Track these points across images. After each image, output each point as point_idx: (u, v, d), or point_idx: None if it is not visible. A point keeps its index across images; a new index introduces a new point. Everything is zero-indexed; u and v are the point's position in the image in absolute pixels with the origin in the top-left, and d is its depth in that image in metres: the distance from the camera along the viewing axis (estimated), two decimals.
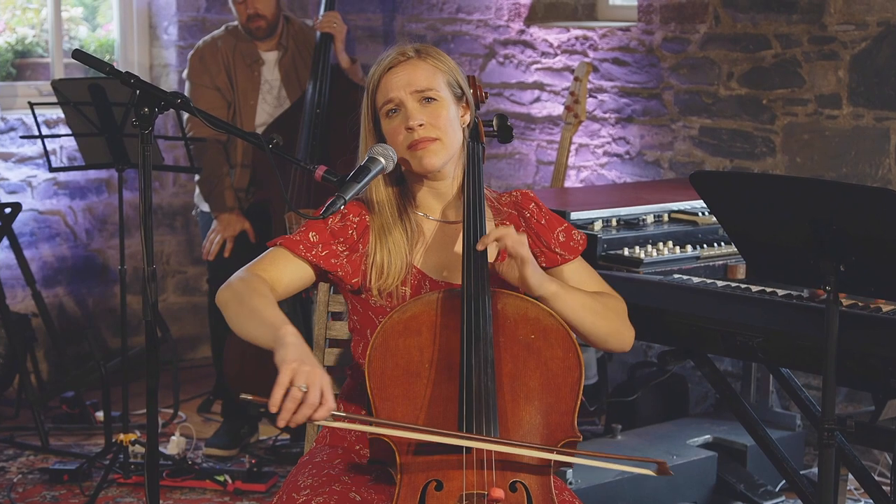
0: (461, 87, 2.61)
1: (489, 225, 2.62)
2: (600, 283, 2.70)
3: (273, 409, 2.19)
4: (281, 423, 2.20)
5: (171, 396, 4.98)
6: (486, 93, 2.73)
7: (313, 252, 2.55)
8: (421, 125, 2.53)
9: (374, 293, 2.57)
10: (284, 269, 2.55)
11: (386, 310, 2.55)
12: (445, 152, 2.56)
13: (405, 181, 2.64)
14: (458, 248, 2.59)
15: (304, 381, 2.20)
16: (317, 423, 2.24)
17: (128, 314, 4.65)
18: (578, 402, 2.44)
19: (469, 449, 2.33)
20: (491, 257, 2.52)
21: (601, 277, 2.72)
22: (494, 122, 2.77)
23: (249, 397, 2.23)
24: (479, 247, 2.46)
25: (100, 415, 4.98)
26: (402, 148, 2.55)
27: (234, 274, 2.53)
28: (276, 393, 2.19)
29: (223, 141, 4.86)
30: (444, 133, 2.55)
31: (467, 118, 2.64)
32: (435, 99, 2.55)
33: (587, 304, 2.57)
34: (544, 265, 2.64)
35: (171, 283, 6.07)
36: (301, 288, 2.61)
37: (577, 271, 2.68)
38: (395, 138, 2.55)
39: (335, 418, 2.30)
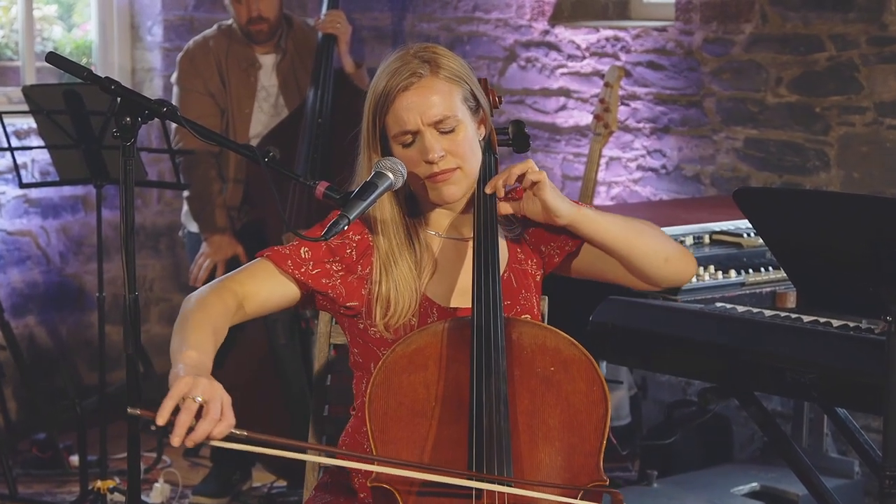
0: (476, 99, 2.62)
1: (502, 244, 2.63)
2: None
3: (160, 422, 2.14)
4: (175, 440, 2.14)
5: (154, 438, 4.98)
6: (499, 97, 2.74)
7: (302, 270, 2.56)
8: (441, 157, 2.54)
9: (379, 327, 2.57)
10: (264, 284, 2.55)
11: (388, 341, 2.55)
12: (466, 180, 2.58)
13: (413, 196, 2.65)
14: (469, 270, 2.60)
15: (200, 393, 2.18)
16: (215, 442, 2.18)
17: (106, 346, 4.66)
18: (604, 442, 2.43)
19: (479, 493, 2.33)
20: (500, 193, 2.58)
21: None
22: (510, 130, 2.78)
23: (137, 412, 2.18)
24: (488, 190, 2.55)
25: (74, 459, 4.98)
26: (419, 178, 2.57)
27: (205, 285, 2.54)
28: (166, 404, 2.16)
29: (215, 153, 4.88)
30: (464, 160, 2.57)
31: (483, 130, 2.65)
32: (453, 128, 2.56)
33: (628, 223, 2.60)
34: (557, 259, 2.67)
35: (154, 311, 6.08)
36: (282, 307, 2.61)
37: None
38: (413, 168, 2.56)
39: (239, 439, 2.20)
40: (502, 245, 2.66)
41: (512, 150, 2.81)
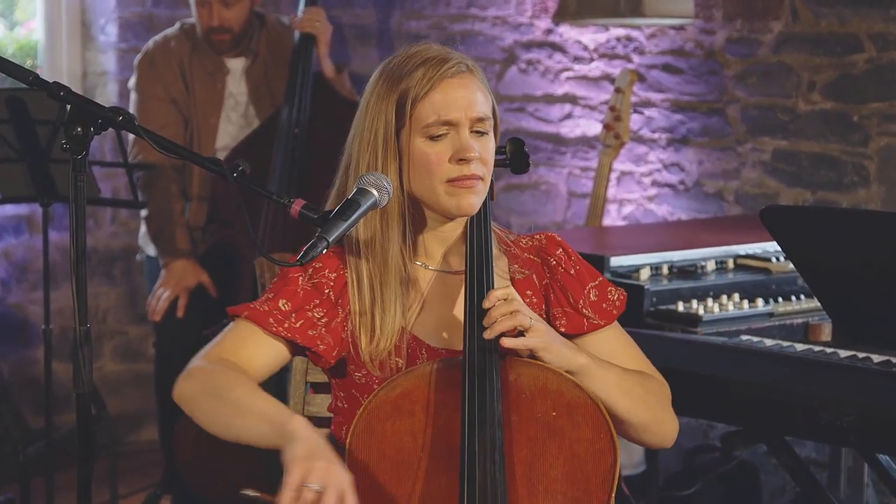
0: (495, 118, 2.64)
1: (499, 281, 2.62)
2: (639, 359, 2.71)
3: None
4: None
5: (107, 490, 4.97)
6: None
7: (286, 325, 2.56)
8: (478, 157, 2.55)
9: (366, 362, 2.57)
10: (255, 351, 2.56)
11: (374, 387, 2.55)
12: (483, 195, 2.60)
13: (403, 220, 2.63)
14: (462, 307, 2.60)
15: (318, 481, 2.22)
16: None
17: (54, 385, 4.66)
18: (613, 496, 2.44)
19: None
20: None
21: (641, 352, 2.72)
22: (507, 149, 2.78)
23: (253, 493, 2.24)
24: (488, 335, 2.45)
25: None
26: (439, 180, 2.55)
27: (194, 360, 2.53)
28: (286, 496, 2.21)
29: (177, 168, 4.88)
30: (488, 171, 2.59)
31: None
32: (486, 132, 2.58)
33: (622, 382, 2.58)
34: (564, 331, 2.64)
35: (108, 346, 6.07)
36: (276, 370, 2.61)
37: (610, 342, 2.69)
38: (435, 167, 2.55)
39: None
40: (503, 284, 2.65)
41: (509, 171, 2.81)
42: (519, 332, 2.47)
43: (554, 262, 2.69)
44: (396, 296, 2.58)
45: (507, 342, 2.45)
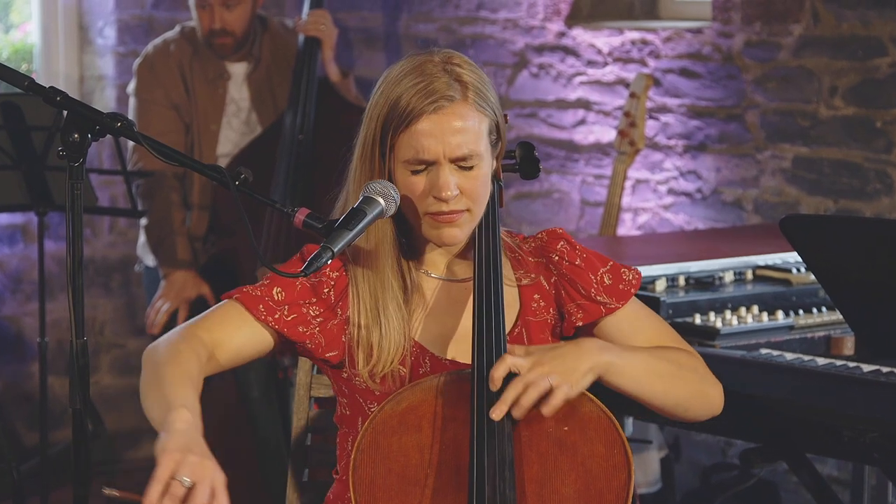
0: (499, 131, 2.63)
1: (507, 291, 2.62)
2: (664, 331, 2.73)
3: None
4: None
5: None
6: (504, 115, 2.74)
7: (276, 315, 2.57)
8: (455, 196, 2.54)
9: (363, 376, 2.58)
10: (236, 332, 2.57)
11: (376, 394, 2.56)
12: (471, 224, 2.60)
13: (406, 225, 2.65)
14: (468, 315, 2.61)
15: (188, 475, 2.20)
16: None
17: (49, 401, 4.66)
18: None
19: None
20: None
21: (665, 324, 2.74)
22: (516, 153, 2.78)
23: (115, 493, 2.23)
24: (495, 416, 2.42)
25: None
26: (421, 211, 2.57)
27: (170, 332, 2.56)
28: (153, 489, 2.19)
29: (178, 176, 4.89)
30: (475, 202, 2.57)
31: (496, 164, 2.66)
32: (473, 165, 2.56)
33: (652, 367, 2.58)
34: (581, 324, 2.66)
35: (105, 359, 6.08)
36: (256, 356, 2.63)
37: (631, 320, 2.70)
38: (415, 199, 2.56)
39: None
40: (513, 293, 2.67)
41: (519, 176, 2.82)
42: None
43: (557, 258, 2.69)
44: (397, 311, 2.58)
45: (547, 411, 2.43)
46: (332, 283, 2.61)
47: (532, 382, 2.43)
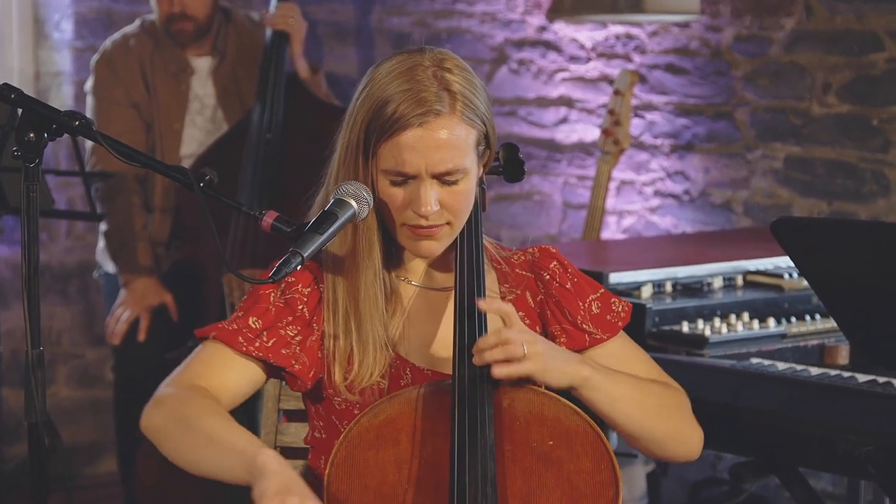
0: (488, 140, 2.61)
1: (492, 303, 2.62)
2: (651, 368, 2.71)
3: None
4: None
5: None
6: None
7: (257, 344, 2.56)
8: (435, 211, 2.53)
9: (339, 388, 2.57)
10: (226, 374, 2.56)
11: (355, 412, 2.55)
12: (451, 237, 2.59)
13: (381, 233, 2.64)
14: (448, 325, 2.61)
15: None
16: None
17: (3, 414, 4.65)
18: None
19: None
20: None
21: (653, 362, 2.73)
22: (501, 155, 2.78)
23: None
24: (476, 362, 2.45)
25: None
26: (398, 222, 2.56)
27: (162, 387, 2.53)
28: None
29: (139, 177, 4.88)
30: (457, 216, 2.57)
31: (481, 170, 2.65)
32: (457, 180, 2.55)
33: (633, 393, 2.58)
34: (563, 346, 2.64)
35: (63, 370, 6.07)
36: (252, 390, 2.61)
37: (616, 354, 2.69)
38: (393, 209, 2.55)
39: None
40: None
41: (502, 179, 2.82)
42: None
43: (548, 277, 2.69)
44: (376, 319, 2.58)
45: (499, 371, 2.45)
46: (305, 298, 2.60)
47: (508, 340, 2.44)
